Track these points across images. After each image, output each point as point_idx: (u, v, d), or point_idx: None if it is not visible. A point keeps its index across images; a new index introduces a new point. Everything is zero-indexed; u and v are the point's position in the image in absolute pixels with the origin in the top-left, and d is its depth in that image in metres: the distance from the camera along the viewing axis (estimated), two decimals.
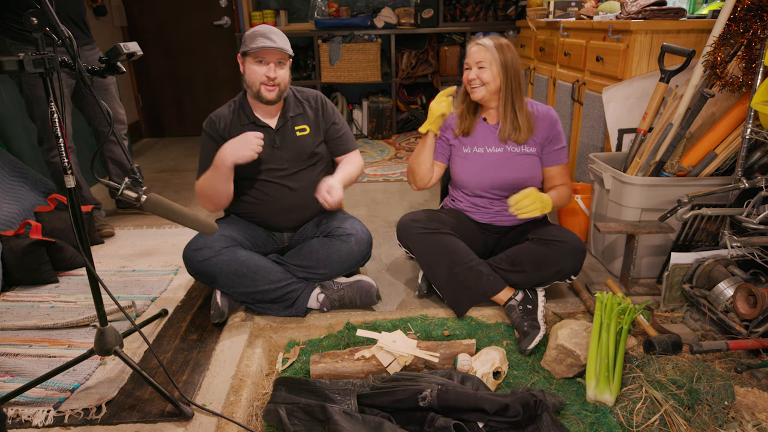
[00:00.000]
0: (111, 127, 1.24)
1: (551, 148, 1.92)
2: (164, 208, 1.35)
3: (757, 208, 1.70)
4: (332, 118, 2.00)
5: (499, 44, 1.83)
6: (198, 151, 1.98)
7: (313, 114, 1.98)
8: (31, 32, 1.18)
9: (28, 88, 2.42)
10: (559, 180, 1.95)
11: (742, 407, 1.39)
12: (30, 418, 1.43)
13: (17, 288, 2.17)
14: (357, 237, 1.90)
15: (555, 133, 1.92)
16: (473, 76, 1.84)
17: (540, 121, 1.91)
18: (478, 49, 1.84)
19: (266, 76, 1.78)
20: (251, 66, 1.80)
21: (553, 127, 1.91)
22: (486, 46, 1.82)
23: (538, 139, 1.91)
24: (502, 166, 1.91)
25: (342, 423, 1.28)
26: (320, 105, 2.00)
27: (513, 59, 1.83)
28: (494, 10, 4.57)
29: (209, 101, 4.87)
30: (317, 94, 2.02)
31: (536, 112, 1.92)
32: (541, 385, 1.55)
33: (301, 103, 1.97)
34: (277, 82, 1.80)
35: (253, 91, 1.83)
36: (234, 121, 1.90)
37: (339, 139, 2.02)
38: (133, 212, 3.01)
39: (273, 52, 1.78)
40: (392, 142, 4.52)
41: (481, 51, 1.83)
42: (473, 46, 1.86)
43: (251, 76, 1.80)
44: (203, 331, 1.83)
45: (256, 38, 1.77)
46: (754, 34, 1.77)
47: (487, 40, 1.85)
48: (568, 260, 1.80)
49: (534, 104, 1.94)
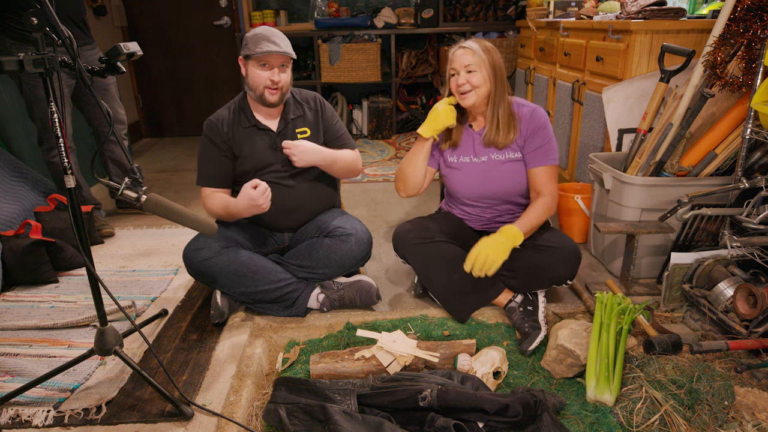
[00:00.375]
0: (111, 127, 1.24)
1: (530, 147, 1.83)
2: (164, 208, 1.35)
3: (757, 208, 1.70)
4: (331, 120, 2.01)
5: (485, 46, 1.76)
6: (196, 152, 1.98)
7: (313, 116, 1.98)
8: (31, 32, 1.18)
9: (28, 88, 2.42)
10: (540, 185, 1.83)
11: (742, 407, 1.39)
12: (30, 418, 1.43)
13: (17, 288, 2.17)
14: (357, 237, 1.90)
15: (534, 131, 1.82)
16: (462, 81, 1.75)
17: (522, 122, 1.83)
18: (464, 52, 1.75)
19: (270, 80, 1.78)
20: (254, 70, 1.79)
21: (534, 124, 1.82)
22: (472, 48, 1.75)
23: (519, 141, 1.84)
24: (488, 176, 1.87)
25: (342, 423, 1.28)
26: (319, 107, 2.00)
27: (499, 60, 1.78)
28: (494, 10, 4.57)
29: (209, 101, 4.87)
30: (316, 96, 2.02)
31: (519, 113, 1.84)
32: (541, 385, 1.55)
33: (300, 105, 1.97)
34: (281, 86, 1.81)
35: (256, 94, 1.83)
36: (235, 123, 1.90)
37: (338, 140, 2.02)
38: (133, 212, 3.01)
39: (277, 57, 1.77)
40: (392, 142, 4.52)
41: (468, 54, 1.75)
42: (457, 50, 1.77)
43: (255, 79, 1.80)
44: (203, 331, 1.83)
45: (259, 42, 1.76)
46: (754, 34, 1.77)
47: (472, 42, 1.77)
48: (561, 266, 1.76)
49: (520, 105, 1.86)
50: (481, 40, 1.79)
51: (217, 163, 1.90)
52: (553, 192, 1.84)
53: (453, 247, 1.84)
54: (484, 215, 1.95)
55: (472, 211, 1.96)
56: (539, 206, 1.80)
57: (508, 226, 1.73)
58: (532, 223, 1.76)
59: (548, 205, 1.81)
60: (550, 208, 1.82)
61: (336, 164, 1.93)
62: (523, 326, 1.72)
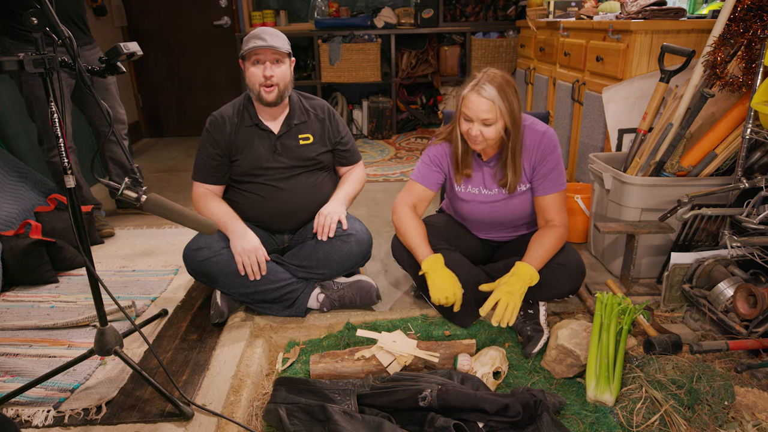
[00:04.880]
0: (111, 126, 1.24)
1: (539, 175, 1.74)
2: (164, 208, 1.35)
3: (757, 208, 1.70)
4: (340, 133, 2.00)
5: (503, 92, 1.57)
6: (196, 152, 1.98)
7: (320, 124, 1.96)
8: (31, 32, 1.19)
9: (28, 88, 2.42)
10: (551, 214, 1.74)
11: (742, 407, 1.39)
12: (30, 418, 1.43)
13: (17, 288, 2.17)
14: (357, 237, 1.90)
15: (542, 158, 1.72)
16: (476, 133, 1.61)
17: (531, 151, 1.73)
18: (482, 102, 1.57)
19: (263, 75, 1.78)
20: (249, 69, 1.80)
21: (542, 151, 1.72)
22: (492, 100, 1.56)
23: (528, 171, 1.75)
24: (498, 208, 1.82)
25: (342, 423, 1.28)
26: (328, 116, 1.98)
27: (517, 103, 1.62)
28: (494, 10, 4.57)
29: (209, 101, 4.87)
30: (324, 104, 2.01)
31: (527, 143, 1.72)
32: (541, 385, 1.55)
33: (306, 111, 1.95)
34: (275, 81, 1.79)
35: (254, 93, 1.83)
36: (238, 122, 1.90)
37: (346, 152, 2.04)
38: (133, 212, 3.01)
39: (266, 51, 1.77)
40: (392, 142, 4.52)
41: (485, 105, 1.56)
42: (474, 97, 1.58)
43: (250, 78, 1.80)
44: (203, 331, 1.83)
45: (249, 40, 1.78)
46: (754, 34, 1.77)
47: (491, 88, 1.56)
48: (566, 283, 1.73)
49: (529, 129, 1.73)
50: (497, 77, 1.59)
51: (213, 161, 1.89)
52: (565, 222, 1.76)
53: (452, 253, 1.82)
54: (490, 232, 1.94)
55: (476, 226, 1.94)
56: (553, 240, 1.70)
57: (523, 265, 1.65)
58: (546, 258, 1.69)
59: (562, 237, 1.73)
60: (563, 239, 1.73)
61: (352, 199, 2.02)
62: (525, 329, 1.71)
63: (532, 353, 1.65)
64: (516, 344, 1.72)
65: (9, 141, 2.76)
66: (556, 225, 1.74)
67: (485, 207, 1.83)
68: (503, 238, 1.95)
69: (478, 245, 1.97)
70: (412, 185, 1.87)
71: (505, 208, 1.82)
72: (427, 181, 1.85)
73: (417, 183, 1.86)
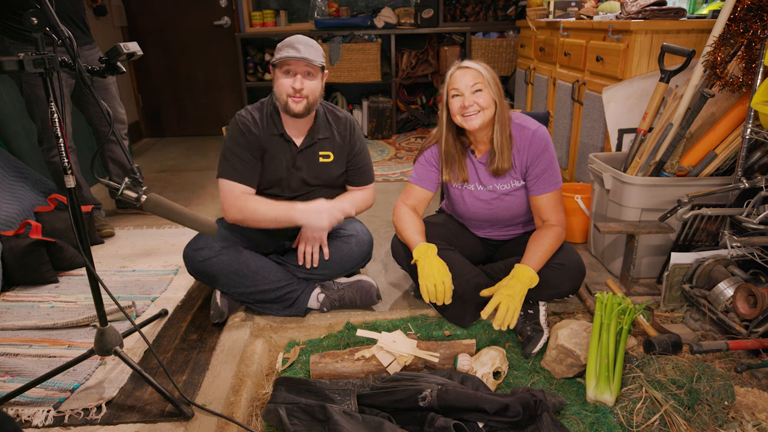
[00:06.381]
0: (111, 126, 1.24)
1: (533, 174, 1.74)
2: (164, 208, 1.35)
3: (757, 208, 1.70)
4: (357, 148, 1.93)
5: (485, 65, 1.67)
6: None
7: (341, 140, 1.90)
8: (31, 32, 1.19)
9: (28, 88, 2.42)
10: (547, 213, 1.75)
11: (742, 407, 1.39)
12: (30, 418, 1.43)
13: (17, 288, 2.17)
14: (358, 238, 1.89)
15: (535, 156, 1.72)
16: (470, 102, 1.63)
17: (523, 148, 1.73)
18: (466, 71, 1.64)
19: (292, 87, 1.71)
20: (279, 77, 1.74)
21: (534, 149, 1.72)
22: (476, 68, 1.65)
23: (521, 168, 1.75)
24: (493, 205, 1.82)
25: (342, 423, 1.28)
26: (349, 131, 1.92)
27: (498, 81, 1.69)
28: (494, 10, 4.57)
29: (209, 101, 4.87)
30: (347, 117, 1.94)
31: (518, 138, 1.73)
32: (541, 385, 1.55)
33: (330, 126, 1.89)
34: (305, 94, 1.72)
35: (281, 103, 1.76)
36: (265, 128, 1.82)
37: (359, 170, 1.96)
38: (133, 212, 3.01)
39: (298, 63, 1.70)
40: (392, 142, 4.52)
41: (471, 73, 1.64)
42: (457, 70, 1.66)
43: (278, 87, 1.74)
44: (203, 331, 1.83)
45: (282, 48, 1.71)
46: (754, 34, 1.77)
47: (471, 62, 1.67)
48: (566, 283, 1.73)
49: (521, 127, 1.74)
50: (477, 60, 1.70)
51: (247, 158, 1.80)
52: (562, 220, 1.76)
53: (451, 253, 1.81)
54: (489, 230, 1.94)
55: (475, 224, 1.95)
56: (551, 240, 1.70)
57: (522, 268, 1.65)
58: (545, 258, 1.69)
59: (560, 236, 1.73)
60: (560, 238, 1.73)
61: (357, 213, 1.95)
62: (525, 330, 1.71)
63: (532, 353, 1.65)
64: (516, 344, 1.72)
65: (9, 141, 2.76)
66: (553, 224, 1.74)
67: (482, 204, 1.83)
68: (502, 236, 1.95)
69: (477, 244, 1.97)
70: (411, 188, 1.88)
71: (502, 204, 1.82)
72: (424, 182, 1.86)
73: (415, 185, 1.87)
